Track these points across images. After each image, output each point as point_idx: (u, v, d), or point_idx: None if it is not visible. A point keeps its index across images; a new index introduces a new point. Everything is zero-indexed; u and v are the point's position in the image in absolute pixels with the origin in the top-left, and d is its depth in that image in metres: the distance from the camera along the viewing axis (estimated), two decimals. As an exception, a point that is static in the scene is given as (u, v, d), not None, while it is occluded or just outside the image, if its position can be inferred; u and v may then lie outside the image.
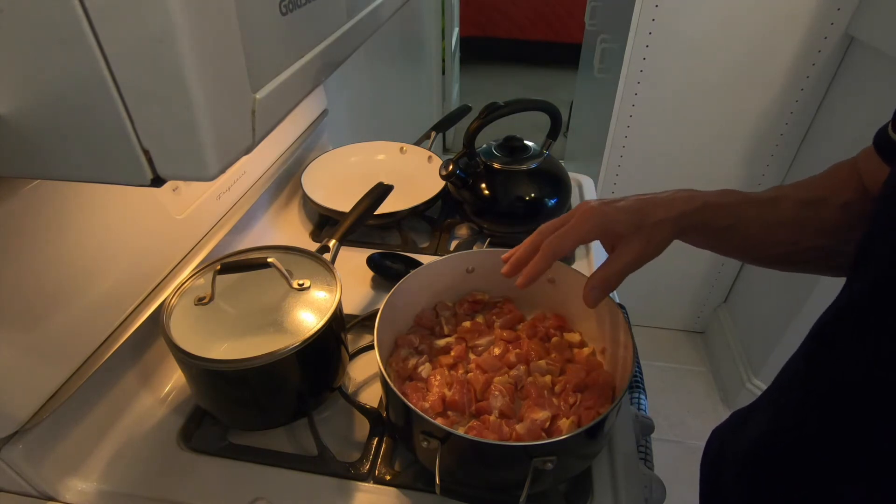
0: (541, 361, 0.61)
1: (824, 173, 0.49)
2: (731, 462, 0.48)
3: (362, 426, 0.60)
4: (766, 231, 0.48)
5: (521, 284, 0.50)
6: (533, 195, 0.83)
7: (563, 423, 0.54)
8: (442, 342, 0.64)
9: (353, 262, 0.82)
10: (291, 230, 0.91)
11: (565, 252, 0.49)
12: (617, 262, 0.48)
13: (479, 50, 3.96)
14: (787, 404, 0.43)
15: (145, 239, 0.61)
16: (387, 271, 0.80)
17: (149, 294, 0.61)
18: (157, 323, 0.55)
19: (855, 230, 0.44)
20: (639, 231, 0.47)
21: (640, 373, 0.78)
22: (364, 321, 0.72)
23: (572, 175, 0.97)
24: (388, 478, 0.55)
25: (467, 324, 0.66)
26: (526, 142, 0.87)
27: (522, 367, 0.60)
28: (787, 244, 0.48)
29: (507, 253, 0.54)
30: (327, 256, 0.63)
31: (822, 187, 0.48)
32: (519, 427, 0.53)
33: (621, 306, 0.62)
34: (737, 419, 0.53)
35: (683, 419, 1.67)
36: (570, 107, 2.62)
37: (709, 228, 0.48)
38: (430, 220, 0.94)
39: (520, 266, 0.51)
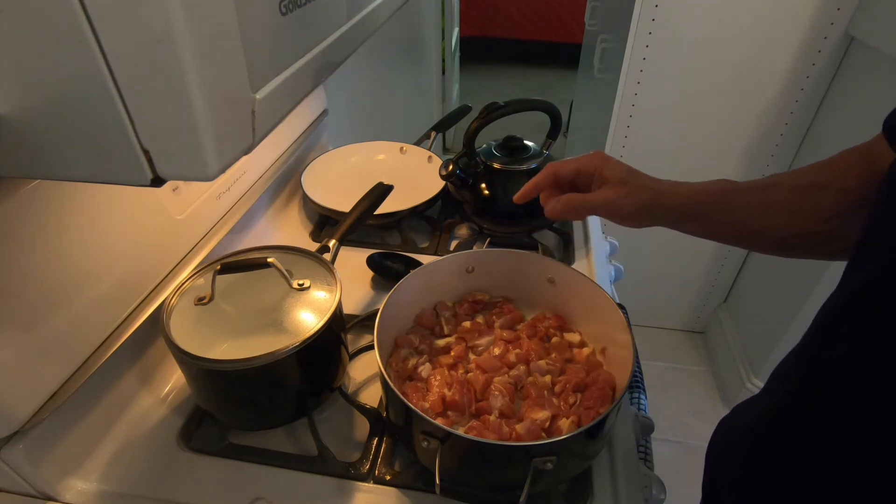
0: (541, 361, 0.61)
1: (830, 158, 0.49)
2: (733, 455, 0.48)
3: (362, 426, 0.60)
4: (758, 217, 0.49)
5: (517, 198, 0.57)
6: (533, 195, 0.83)
7: (563, 423, 0.54)
8: (442, 342, 0.64)
9: (353, 262, 0.82)
10: (291, 230, 0.91)
11: (565, 171, 0.54)
12: (592, 197, 0.53)
13: (479, 50, 3.96)
14: (785, 394, 0.42)
15: (145, 239, 0.61)
16: (387, 271, 0.80)
17: (149, 294, 0.61)
18: (157, 323, 0.55)
19: (855, 216, 0.44)
20: (624, 184, 0.52)
21: (640, 373, 0.78)
22: (364, 321, 0.72)
23: (572, 175, 0.97)
24: (388, 478, 0.55)
25: (467, 324, 0.66)
26: (526, 142, 0.87)
27: (522, 367, 0.60)
28: (781, 229, 0.48)
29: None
30: (327, 256, 0.63)
31: (822, 172, 0.48)
32: (519, 427, 0.53)
33: (621, 306, 0.62)
34: (739, 412, 0.53)
35: (683, 419, 1.67)
36: (570, 107, 2.62)
37: (700, 212, 0.50)
38: (430, 220, 0.94)
39: (528, 194, 0.57)
